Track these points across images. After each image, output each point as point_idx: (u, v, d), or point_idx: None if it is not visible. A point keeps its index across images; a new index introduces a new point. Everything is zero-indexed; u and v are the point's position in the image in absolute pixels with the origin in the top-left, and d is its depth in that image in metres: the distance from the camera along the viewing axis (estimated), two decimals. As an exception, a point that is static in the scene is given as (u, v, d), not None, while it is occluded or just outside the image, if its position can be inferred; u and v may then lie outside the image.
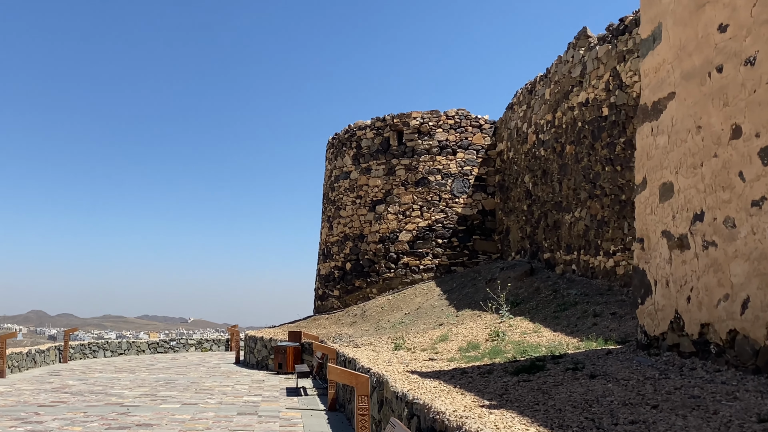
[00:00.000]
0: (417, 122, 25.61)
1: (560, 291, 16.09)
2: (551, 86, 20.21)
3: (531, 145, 21.69)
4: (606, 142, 16.29)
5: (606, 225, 16.04)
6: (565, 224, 18.53)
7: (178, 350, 33.54)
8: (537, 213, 20.87)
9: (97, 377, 20.79)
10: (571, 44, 18.98)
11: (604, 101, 16.52)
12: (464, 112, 25.91)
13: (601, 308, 13.47)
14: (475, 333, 14.38)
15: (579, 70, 18.16)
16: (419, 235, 24.76)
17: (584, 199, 17.33)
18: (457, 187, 25.12)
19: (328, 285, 26.60)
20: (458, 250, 24.68)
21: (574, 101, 18.31)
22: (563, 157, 18.92)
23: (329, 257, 26.97)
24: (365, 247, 25.47)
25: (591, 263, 16.74)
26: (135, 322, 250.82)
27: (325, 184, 28.80)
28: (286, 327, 27.03)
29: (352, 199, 26.33)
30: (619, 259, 15.28)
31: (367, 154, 26.22)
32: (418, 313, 20.19)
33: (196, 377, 20.61)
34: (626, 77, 15.52)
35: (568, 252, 18.25)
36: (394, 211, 25.18)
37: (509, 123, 24.36)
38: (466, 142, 25.51)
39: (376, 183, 25.75)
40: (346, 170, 26.84)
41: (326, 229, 27.70)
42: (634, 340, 9.25)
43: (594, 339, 10.84)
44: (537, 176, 20.98)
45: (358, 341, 17.75)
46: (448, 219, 24.84)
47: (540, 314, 14.82)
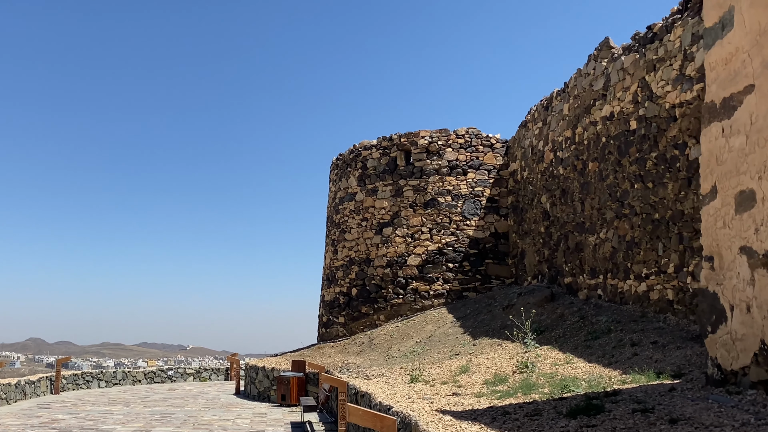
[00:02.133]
0: (425, 141, 24.52)
1: (588, 318, 14.88)
2: (570, 101, 19.14)
3: (548, 163, 20.58)
4: (635, 157, 15.17)
5: (637, 246, 14.86)
6: (588, 246, 17.35)
7: (176, 380, 32.18)
8: (556, 235, 19.70)
9: (89, 410, 19.49)
10: (592, 56, 17.93)
11: (632, 114, 15.42)
12: (474, 131, 24.84)
13: (639, 336, 12.28)
14: (499, 364, 13.16)
15: (602, 82, 17.09)
16: (429, 259, 23.56)
17: (611, 219, 16.17)
18: (468, 208, 23.98)
19: (333, 311, 25.36)
20: (470, 275, 23.48)
21: (597, 116, 17.23)
22: (585, 175, 17.79)
23: (334, 282, 25.75)
24: (372, 272, 24.26)
25: (620, 288, 15.54)
26: (133, 349, 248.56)
27: (329, 207, 27.65)
28: (289, 356, 25.74)
29: (358, 221, 25.17)
30: (653, 283, 14.08)
31: (373, 174, 25.09)
32: (430, 342, 18.95)
33: (194, 410, 19.31)
34: (657, 87, 14.43)
35: (592, 276, 17.05)
36: (402, 234, 24.01)
37: (523, 141, 23.28)
38: (477, 161, 24.41)
39: (382, 205, 24.60)
40: (351, 192, 25.70)
41: (330, 253, 26.49)
42: (702, 375, 8.05)
43: (641, 372, 9.63)
44: (555, 196, 19.84)
45: (368, 372, 16.50)
46: (459, 242, 23.66)
47: (569, 343, 13.60)
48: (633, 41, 15.98)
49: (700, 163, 7.67)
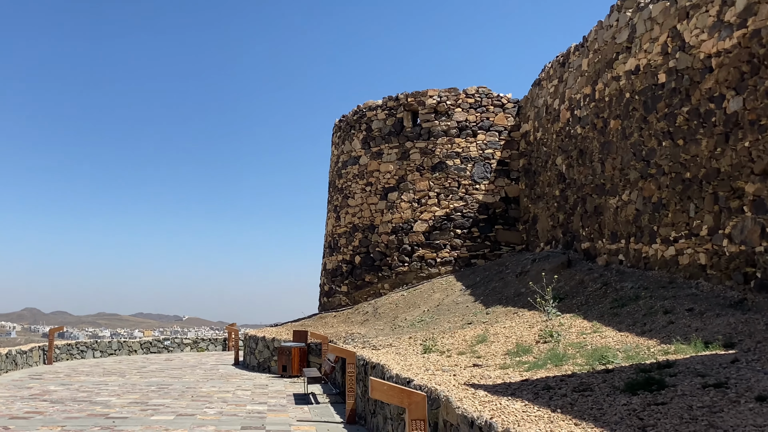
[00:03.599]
0: (434, 101, 23.54)
1: (611, 284, 14.07)
2: (590, 56, 18.17)
3: (564, 123, 19.65)
4: (663, 113, 14.26)
5: (664, 208, 14.00)
6: (609, 209, 16.48)
7: (173, 350, 31.49)
8: (572, 198, 18.82)
9: (83, 381, 18.79)
10: (615, 6, 16.94)
11: (661, 66, 14.49)
12: (485, 90, 23.86)
13: (671, 304, 11.47)
14: (519, 333, 12.36)
15: (626, 34, 16.12)
16: (436, 225, 22.70)
17: (634, 180, 15.29)
18: (478, 172, 23.08)
19: (335, 280, 24.54)
20: (479, 242, 22.64)
21: (620, 70, 16.28)
22: (606, 134, 16.88)
23: (336, 250, 24.90)
24: (376, 239, 23.40)
25: (644, 252, 14.70)
26: (129, 319, 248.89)
27: (331, 171, 26.70)
28: (289, 326, 25.00)
29: (362, 186, 24.26)
30: (683, 247, 13.24)
31: (378, 137, 24.14)
32: (439, 311, 18.17)
33: (193, 381, 18.59)
34: (690, 37, 13.48)
35: (613, 240, 16.21)
36: (408, 199, 23.12)
37: (536, 101, 22.32)
38: (487, 122, 23.46)
39: (388, 168, 23.68)
40: (355, 155, 24.76)
41: (333, 219, 25.61)
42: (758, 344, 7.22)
43: (685, 341, 8.82)
44: (572, 157, 18.93)
45: (374, 342, 15.74)
46: (467, 207, 22.78)
47: (593, 311, 12.80)
48: (661, -12, 14.99)
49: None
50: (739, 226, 11.58)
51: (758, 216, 11.11)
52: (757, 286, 11.01)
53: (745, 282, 11.32)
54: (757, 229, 11.09)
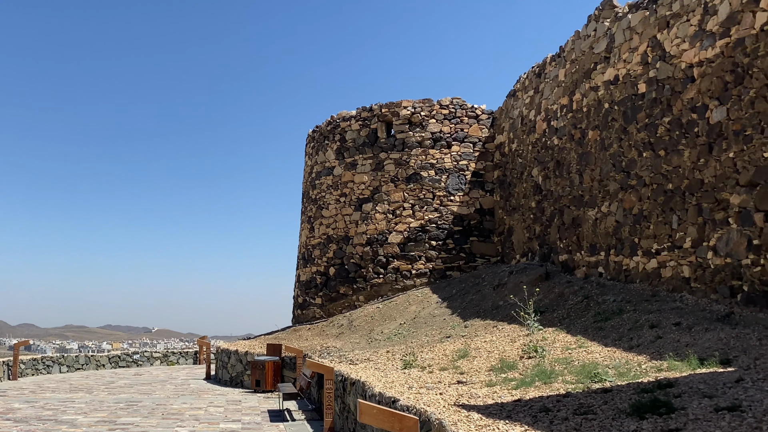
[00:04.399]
0: (408, 112, 23.17)
1: (593, 297, 13.72)
2: (566, 66, 17.91)
3: (540, 134, 19.36)
4: (644, 123, 13.99)
5: (646, 220, 13.71)
6: (587, 221, 16.18)
7: (142, 364, 30.65)
8: (549, 210, 18.51)
9: (48, 398, 18.02)
10: (593, 16, 16.70)
11: (641, 76, 14.23)
12: (459, 101, 23.54)
13: (656, 317, 11.14)
14: (501, 348, 11.94)
15: (604, 44, 15.87)
16: (411, 236, 22.28)
17: (614, 191, 15.00)
18: (453, 183, 22.72)
19: (310, 292, 23.99)
20: (454, 253, 22.25)
21: (599, 80, 16.02)
22: (584, 144, 16.60)
23: (310, 261, 24.36)
24: (351, 250, 22.92)
25: (626, 265, 14.39)
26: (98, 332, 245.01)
27: (305, 182, 26.19)
28: (263, 339, 24.37)
29: (336, 197, 23.78)
30: (666, 259, 12.94)
31: (353, 147, 23.69)
32: (415, 324, 17.71)
33: (163, 397, 17.91)
34: (671, 46, 13.24)
35: (592, 253, 15.89)
36: (382, 210, 22.68)
37: (511, 112, 22.02)
38: (461, 134, 23.13)
39: (362, 179, 23.23)
40: (329, 166, 24.29)
41: (307, 230, 25.08)
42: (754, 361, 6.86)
43: (678, 358, 8.46)
44: (549, 168, 18.63)
45: (351, 356, 15.23)
46: (442, 219, 22.40)
47: (576, 325, 12.42)
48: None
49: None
50: (725, 238, 11.29)
51: (744, 228, 10.83)
52: (744, 299, 10.72)
53: (731, 295, 11.02)
54: (744, 242, 10.81)
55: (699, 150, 12.15)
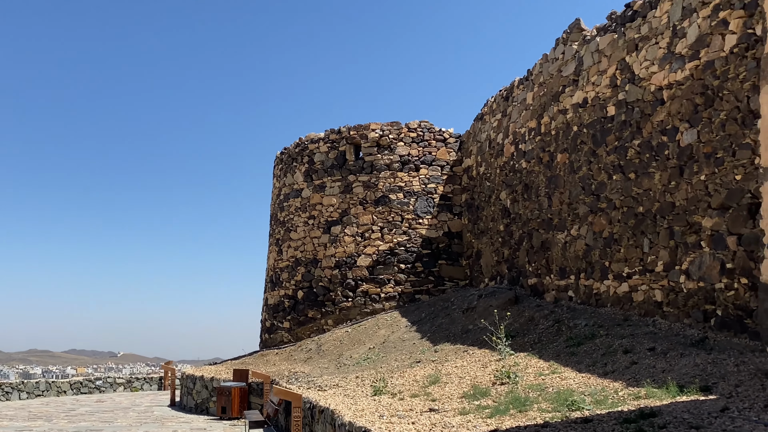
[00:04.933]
0: (376, 135, 22.87)
1: (564, 321, 13.43)
2: (534, 89, 17.74)
3: (508, 157, 19.14)
4: (613, 146, 13.80)
5: (616, 243, 13.47)
6: (557, 244, 15.93)
7: (105, 390, 29.74)
8: (518, 233, 18.24)
9: (5, 427, 17.26)
10: (561, 39, 16.57)
11: (610, 99, 14.07)
12: (427, 125, 23.31)
13: (630, 342, 10.85)
14: (473, 373, 11.58)
15: (573, 67, 15.72)
16: (380, 259, 21.89)
17: (584, 215, 14.78)
18: (421, 206, 22.41)
19: (277, 316, 23.44)
20: (423, 277, 21.90)
21: (567, 103, 15.85)
22: (553, 167, 16.39)
23: (278, 285, 23.84)
24: (319, 273, 22.46)
25: (596, 289, 14.13)
26: (62, 356, 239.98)
27: (273, 204, 25.71)
28: (229, 364, 23.74)
29: (304, 219, 23.34)
30: (637, 283, 12.70)
31: (321, 169, 23.31)
32: (385, 348, 17.29)
33: (125, 426, 17.24)
34: (640, 69, 13.09)
35: (562, 276, 15.63)
36: (351, 232, 22.29)
37: (479, 135, 21.82)
38: (429, 157, 22.87)
39: (331, 202, 22.84)
40: (297, 188, 23.86)
41: (275, 253, 24.58)
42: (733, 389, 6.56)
43: (655, 385, 8.16)
44: (517, 192, 18.39)
45: (319, 382, 14.75)
46: (411, 242, 22.07)
47: (548, 350, 12.11)
48: (609, 21, 14.64)
49: (761, 128, 6.20)
50: (697, 261, 11.07)
51: (717, 251, 10.61)
52: (717, 324, 10.48)
53: (704, 320, 10.79)
54: (717, 265, 10.59)
55: (670, 173, 11.96)
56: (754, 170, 10.01)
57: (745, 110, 10.28)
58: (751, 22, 10.35)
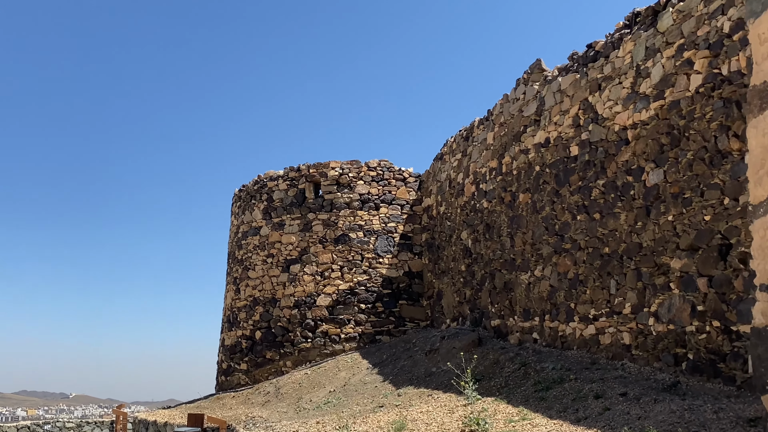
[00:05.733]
0: (336, 173, 22.38)
1: (530, 365, 12.92)
2: (495, 129, 17.45)
3: (469, 197, 18.77)
4: (577, 186, 13.48)
5: (582, 284, 13.08)
6: (520, 285, 15.50)
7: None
8: (480, 273, 17.80)
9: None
10: (521, 80, 16.33)
11: (573, 139, 13.78)
12: (387, 164, 22.91)
13: (600, 387, 10.38)
14: (440, 420, 10.97)
15: (534, 107, 15.45)
16: (340, 299, 21.25)
17: (548, 255, 14.39)
18: (381, 245, 21.89)
19: (234, 357, 22.56)
20: (383, 317, 21.30)
21: (529, 143, 15.55)
22: (515, 207, 16.02)
23: (236, 325, 23.00)
24: (278, 313, 21.71)
25: (561, 331, 13.69)
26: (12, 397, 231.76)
27: (230, 242, 24.94)
28: (183, 408, 22.72)
29: (263, 258, 22.63)
30: (604, 326, 12.29)
31: (280, 207, 22.69)
32: (346, 391, 16.58)
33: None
34: (603, 109, 12.83)
35: (526, 318, 15.18)
36: (310, 271, 21.63)
37: (439, 175, 21.46)
38: (389, 196, 22.43)
39: (290, 240, 22.19)
40: (256, 225, 23.18)
41: (232, 292, 23.76)
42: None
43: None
44: (478, 232, 17.99)
45: (278, 427, 13.98)
46: (371, 281, 21.49)
47: (516, 395, 11.57)
48: (570, 61, 14.43)
49: (748, 163, 5.85)
50: (666, 304, 10.70)
51: (687, 293, 10.26)
52: (689, 368, 10.08)
53: (675, 364, 10.39)
54: (687, 308, 10.22)
55: (636, 213, 11.64)
56: (724, 210, 9.72)
57: (713, 150, 10.02)
58: (717, 62, 10.14)
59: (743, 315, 9.13)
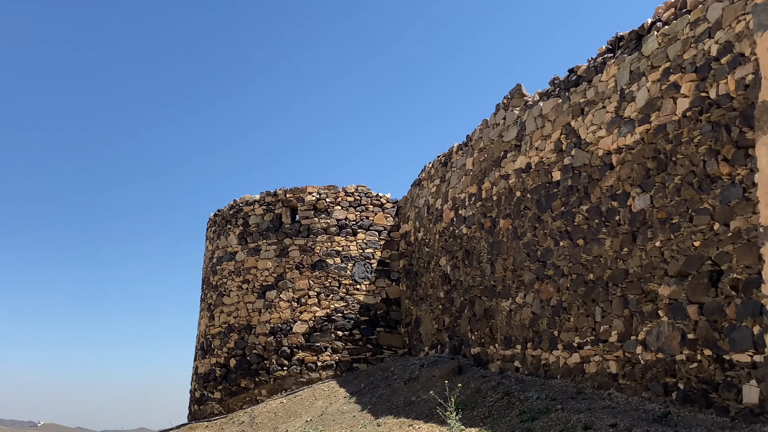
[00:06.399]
0: (313, 198, 21.87)
1: (514, 394, 12.43)
2: (474, 155, 17.09)
3: (448, 223, 18.36)
4: (559, 211, 13.11)
5: (566, 312, 12.66)
6: (501, 312, 15.05)
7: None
8: (459, 300, 17.33)
9: None
10: (501, 105, 16.02)
11: (555, 164, 13.44)
12: (364, 189, 22.45)
13: (588, 417, 9.92)
14: (422, 454, 10.42)
15: (515, 132, 15.12)
16: (316, 326, 20.64)
17: (530, 282, 13.97)
18: (359, 271, 21.36)
19: (208, 386, 21.79)
20: (361, 345, 20.70)
21: (509, 168, 15.19)
22: (495, 233, 15.62)
23: (209, 352, 22.25)
24: (253, 340, 21.03)
25: (544, 359, 13.24)
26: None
27: (205, 267, 24.24)
28: (155, 438, 21.85)
29: (238, 283, 21.97)
30: (589, 354, 11.87)
31: (256, 232, 22.10)
32: (323, 421, 15.95)
33: None
34: (587, 133, 12.51)
35: (507, 346, 14.71)
36: (287, 298, 21.02)
37: (417, 201, 21.03)
38: (367, 221, 21.96)
39: (266, 265, 21.58)
40: (231, 251, 22.54)
41: (206, 318, 23.03)
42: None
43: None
44: (458, 258, 17.55)
45: (252, 460, 13.34)
46: (349, 308, 20.92)
47: (501, 425, 11.08)
48: (551, 86, 14.14)
49: (759, 183, 5.45)
50: (654, 331, 10.30)
51: (677, 321, 9.87)
52: (680, 398, 9.66)
53: (665, 393, 9.96)
54: (677, 336, 9.82)
55: (622, 239, 11.27)
56: (714, 236, 9.37)
57: (701, 174, 9.70)
58: (704, 85, 9.85)
59: (736, 343, 8.75)
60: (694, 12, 10.24)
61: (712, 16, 9.85)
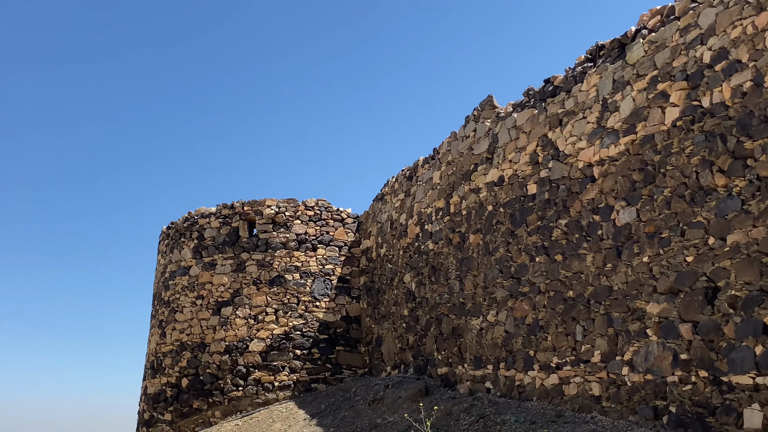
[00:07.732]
0: (272, 211, 20.89)
1: (489, 417, 11.64)
2: (442, 168, 16.38)
3: (413, 238, 17.57)
4: (536, 226, 12.43)
5: (542, 330, 11.94)
6: (470, 331, 14.28)
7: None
8: (425, 318, 16.52)
9: None
10: (471, 117, 15.36)
11: (530, 177, 12.77)
12: (325, 203, 21.56)
13: (574, 444, 9.15)
14: (395, 483, 9.53)
15: (486, 144, 14.46)
16: (274, 344, 19.59)
17: (502, 299, 13.24)
18: (318, 288, 20.41)
19: (158, 407, 20.50)
20: (320, 364, 19.71)
21: (480, 182, 14.50)
22: (464, 249, 14.89)
23: (160, 371, 20.98)
24: (207, 359, 19.86)
25: (519, 380, 12.48)
26: None
27: (156, 282, 22.99)
28: (100, 462, 20.48)
29: (192, 299, 20.80)
30: (569, 375, 11.15)
31: (212, 246, 21.00)
32: (281, 445, 14.93)
33: None
34: (565, 145, 11.88)
35: (477, 366, 13.93)
36: (243, 314, 19.94)
37: (379, 216, 20.22)
38: (327, 237, 21.05)
39: (221, 281, 20.48)
40: (185, 265, 21.37)
41: (157, 336, 21.76)
42: None
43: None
44: (423, 274, 16.77)
45: (207, 488, 12.26)
46: (308, 326, 19.93)
47: (479, 452, 10.24)
48: (526, 97, 13.52)
49: None
50: (643, 351, 9.63)
51: (668, 340, 9.21)
52: (672, 422, 8.98)
53: (655, 417, 9.27)
54: (668, 356, 9.16)
55: (605, 254, 10.62)
56: (709, 251, 8.77)
57: (694, 186, 9.11)
58: (696, 93, 9.29)
59: (736, 364, 8.12)
60: (684, 18, 9.72)
61: (704, 22, 9.34)
